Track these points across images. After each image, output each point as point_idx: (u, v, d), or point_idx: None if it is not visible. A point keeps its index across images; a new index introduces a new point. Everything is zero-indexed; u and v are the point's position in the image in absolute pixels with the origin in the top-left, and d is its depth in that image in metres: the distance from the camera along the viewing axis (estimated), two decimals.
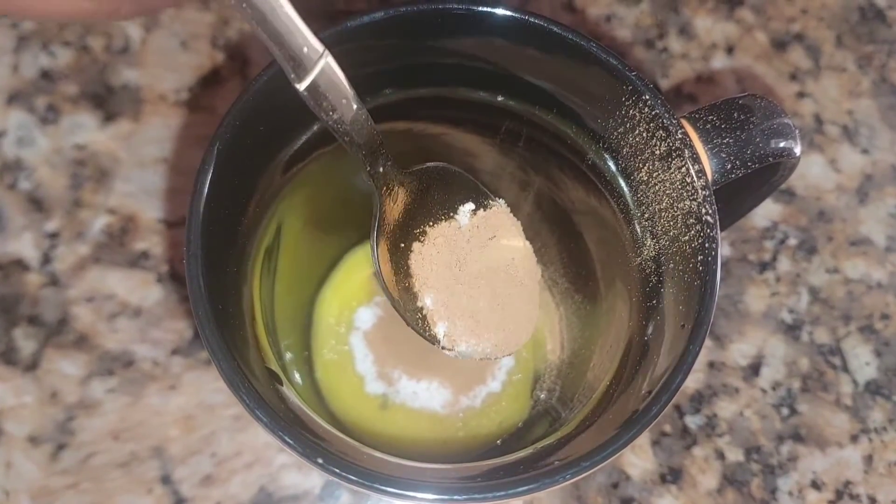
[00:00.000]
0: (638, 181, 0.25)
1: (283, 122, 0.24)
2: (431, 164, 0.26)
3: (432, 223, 0.26)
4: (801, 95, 0.37)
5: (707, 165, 0.23)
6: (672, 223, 0.24)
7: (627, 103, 0.24)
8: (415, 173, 0.25)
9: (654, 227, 0.24)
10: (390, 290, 0.25)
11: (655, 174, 0.24)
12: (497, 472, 0.21)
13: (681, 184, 0.23)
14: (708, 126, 0.24)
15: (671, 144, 0.23)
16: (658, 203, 0.24)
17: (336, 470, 0.20)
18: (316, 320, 0.32)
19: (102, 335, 0.32)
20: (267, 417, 0.20)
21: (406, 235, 0.25)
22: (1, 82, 0.35)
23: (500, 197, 0.27)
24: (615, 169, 0.25)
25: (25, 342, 0.32)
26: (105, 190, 0.34)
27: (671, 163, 0.23)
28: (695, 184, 0.23)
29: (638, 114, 0.24)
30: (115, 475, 0.31)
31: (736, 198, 0.27)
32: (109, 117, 0.35)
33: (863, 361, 0.34)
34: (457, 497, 0.20)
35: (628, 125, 0.24)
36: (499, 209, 0.26)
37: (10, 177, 0.34)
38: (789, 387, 0.33)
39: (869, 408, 0.33)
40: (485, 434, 0.31)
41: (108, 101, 0.35)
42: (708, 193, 0.23)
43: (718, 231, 0.22)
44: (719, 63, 0.38)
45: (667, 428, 0.33)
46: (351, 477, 0.20)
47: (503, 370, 0.32)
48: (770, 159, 0.24)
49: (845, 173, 0.36)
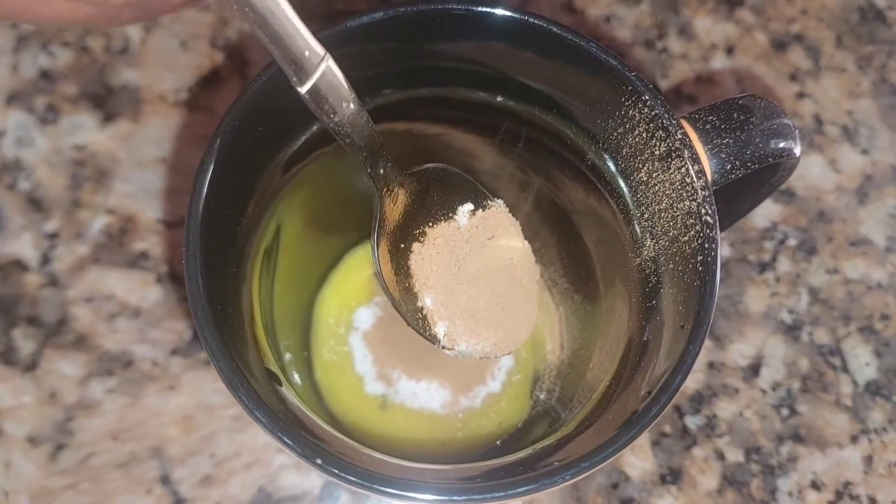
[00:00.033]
0: (637, 181, 0.25)
1: (283, 123, 0.24)
2: (431, 166, 0.26)
3: (432, 224, 0.26)
4: (801, 96, 0.37)
5: (707, 166, 0.23)
6: (672, 223, 0.24)
7: (627, 104, 0.24)
8: (414, 174, 0.25)
9: (654, 228, 0.24)
10: (391, 291, 0.25)
11: (655, 174, 0.24)
12: (496, 473, 0.21)
13: (680, 184, 0.23)
14: (707, 126, 0.24)
15: (671, 145, 0.23)
16: (658, 203, 0.24)
17: (335, 470, 0.20)
18: (315, 321, 0.32)
19: (102, 335, 0.32)
20: (265, 418, 0.20)
21: (406, 236, 0.26)
22: (0, 82, 0.35)
23: (500, 197, 0.27)
24: (615, 169, 0.25)
25: (24, 342, 0.32)
26: (104, 190, 0.34)
27: (671, 163, 0.23)
28: (694, 184, 0.23)
29: (637, 114, 0.24)
30: (115, 475, 0.31)
31: (736, 198, 0.27)
32: (109, 117, 0.35)
33: (863, 362, 0.34)
34: (456, 498, 0.20)
35: (628, 125, 0.24)
36: (497, 209, 0.26)
37: (10, 177, 0.34)
38: (789, 387, 0.33)
39: (869, 408, 0.33)
40: (484, 434, 0.31)
41: (108, 102, 0.35)
42: (707, 194, 0.23)
43: (718, 231, 0.22)
44: (719, 63, 0.38)
45: (666, 428, 0.33)
46: (350, 477, 0.20)
47: (503, 370, 0.32)
48: (770, 160, 0.23)
49: (845, 174, 0.36)
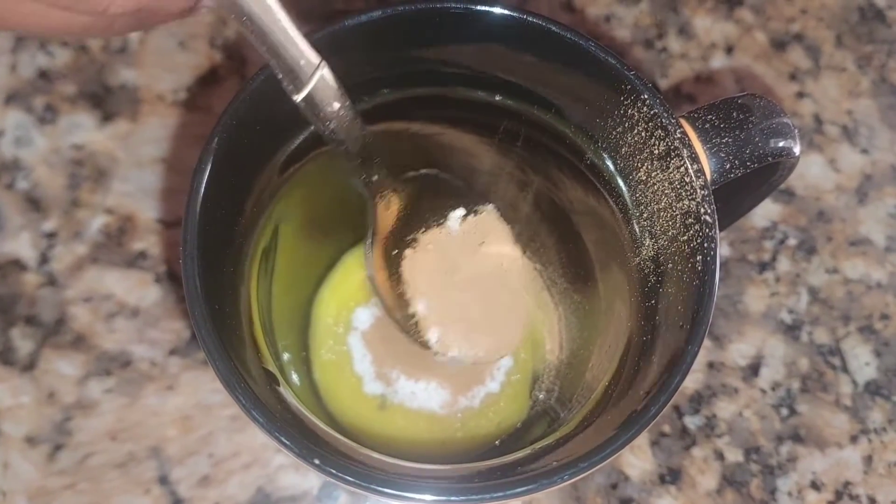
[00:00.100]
0: (636, 181, 0.25)
1: (281, 122, 0.24)
2: (423, 172, 0.26)
3: (424, 230, 0.26)
4: (801, 95, 0.37)
5: (706, 165, 0.23)
6: (671, 223, 0.24)
7: (626, 103, 0.24)
8: (407, 181, 0.26)
9: (653, 227, 0.24)
10: (384, 297, 0.25)
11: (654, 174, 0.24)
12: (495, 473, 0.21)
13: (679, 183, 0.23)
14: (707, 125, 0.23)
15: (670, 144, 0.23)
16: (657, 203, 0.24)
17: (333, 471, 0.20)
18: (314, 321, 0.32)
19: (100, 335, 0.32)
20: (263, 418, 0.20)
21: (398, 242, 0.26)
22: None
23: (499, 197, 0.27)
24: (614, 168, 0.25)
25: (23, 342, 0.32)
26: (103, 190, 0.34)
27: (670, 162, 0.23)
28: (693, 183, 0.23)
29: (636, 113, 0.24)
30: (113, 475, 0.31)
31: (735, 197, 0.27)
32: (107, 117, 0.35)
33: (862, 362, 0.34)
34: (455, 498, 0.20)
35: (627, 125, 0.24)
36: (488, 215, 0.27)
37: (8, 176, 0.34)
38: (789, 387, 0.33)
39: (868, 408, 0.33)
40: (483, 434, 0.31)
41: (106, 101, 0.35)
42: (707, 193, 0.23)
43: (717, 231, 0.22)
44: (718, 63, 0.38)
45: (666, 428, 0.33)
46: (348, 478, 0.20)
47: (502, 371, 0.32)
48: (769, 159, 0.23)
49: (845, 173, 0.36)
